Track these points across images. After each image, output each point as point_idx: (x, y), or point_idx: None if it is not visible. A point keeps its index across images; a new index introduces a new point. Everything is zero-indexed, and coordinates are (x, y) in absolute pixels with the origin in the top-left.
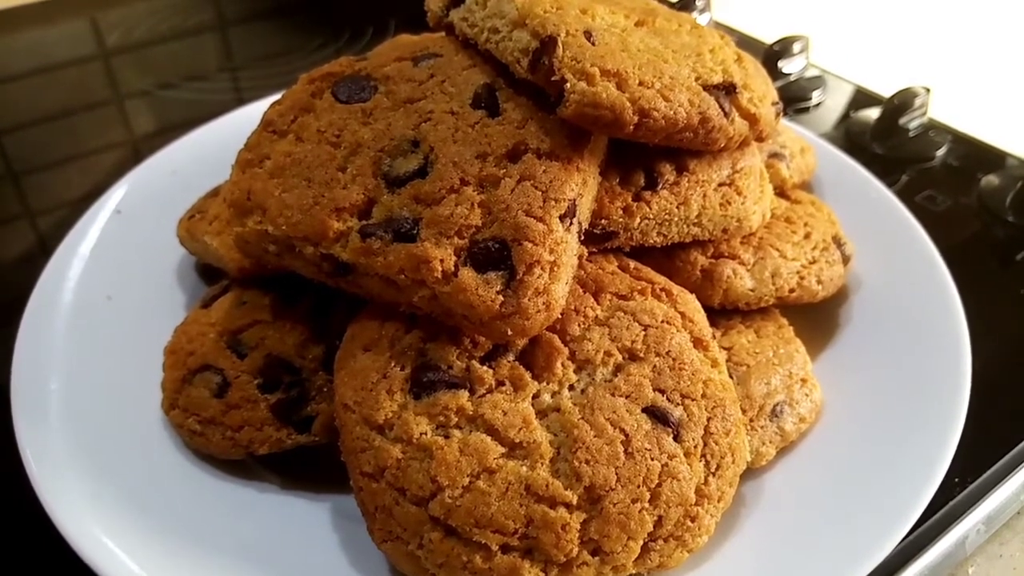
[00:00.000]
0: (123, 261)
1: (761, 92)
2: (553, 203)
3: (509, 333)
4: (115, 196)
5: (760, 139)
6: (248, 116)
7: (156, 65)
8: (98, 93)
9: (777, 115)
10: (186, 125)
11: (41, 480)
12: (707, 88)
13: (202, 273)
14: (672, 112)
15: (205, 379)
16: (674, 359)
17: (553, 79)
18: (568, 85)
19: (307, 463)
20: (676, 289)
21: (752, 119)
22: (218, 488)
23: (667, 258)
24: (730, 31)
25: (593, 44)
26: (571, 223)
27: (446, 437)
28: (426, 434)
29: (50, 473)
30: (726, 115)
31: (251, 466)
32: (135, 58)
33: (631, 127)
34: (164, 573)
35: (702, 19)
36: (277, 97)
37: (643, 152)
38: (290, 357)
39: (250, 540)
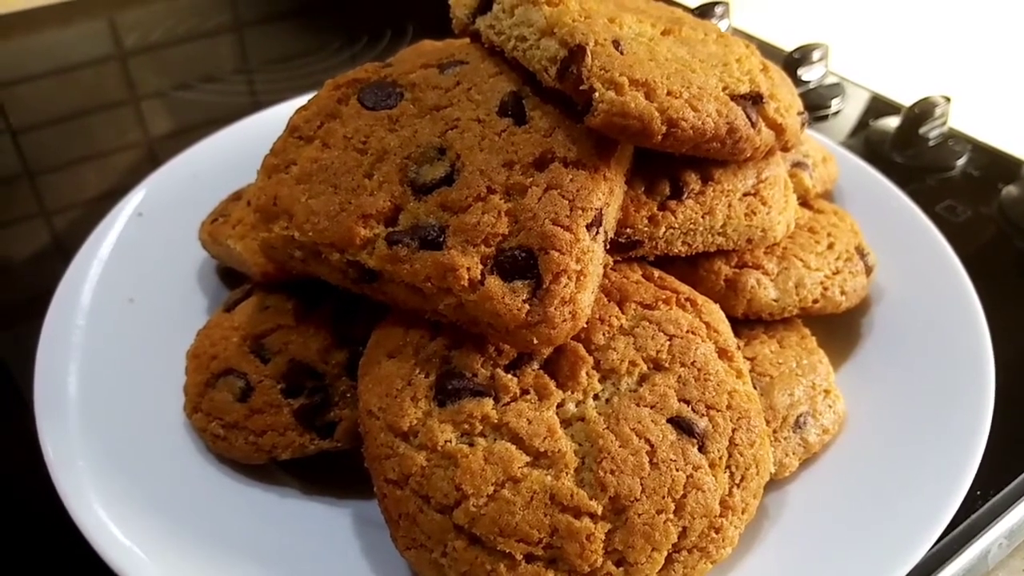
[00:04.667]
0: (145, 264)
1: (787, 102)
2: (580, 212)
3: (535, 342)
4: (136, 198)
5: (786, 149)
6: (269, 120)
7: (173, 67)
8: (115, 94)
9: (803, 125)
10: (202, 127)
11: (64, 483)
12: (734, 98)
13: (223, 277)
14: (700, 122)
15: (228, 383)
16: (699, 369)
17: (581, 88)
18: (597, 94)
19: (329, 469)
20: (701, 299)
21: (778, 129)
22: (240, 492)
23: (691, 267)
24: (749, 38)
25: (621, 53)
26: (597, 232)
27: (471, 445)
28: (451, 442)
29: (72, 476)
30: (753, 125)
31: (273, 471)
32: (152, 59)
33: (659, 137)
34: None
35: (721, 26)
36: (297, 101)
37: (668, 161)
38: (313, 362)
39: (272, 545)
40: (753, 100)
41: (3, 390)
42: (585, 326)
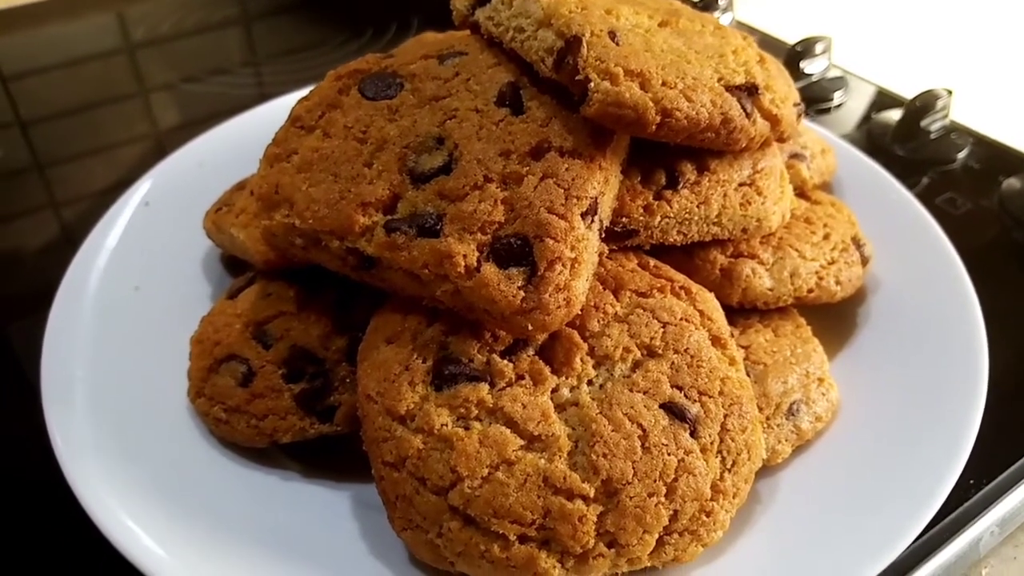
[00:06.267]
0: (151, 252)
1: (783, 93)
2: (575, 201)
3: (529, 328)
4: (143, 188)
5: (781, 140)
6: (274, 111)
7: (181, 59)
8: (123, 86)
9: (799, 116)
10: (210, 119)
11: (71, 466)
12: (729, 89)
13: (228, 265)
14: (694, 112)
15: (231, 368)
16: (692, 356)
17: (577, 78)
18: (592, 84)
19: (329, 452)
20: (695, 287)
21: (774, 120)
22: (242, 475)
23: (687, 256)
24: (752, 31)
25: (617, 44)
26: (592, 220)
27: (466, 429)
28: (447, 425)
29: (79, 459)
30: (748, 116)
31: (274, 454)
32: (160, 52)
33: (653, 127)
34: (188, 557)
35: (724, 19)
36: (302, 92)
37: (665, 151)
38: (314, 348)
39: (273, 527)
40: (748, 91)
41: (14, 379)
42: (580, 313)
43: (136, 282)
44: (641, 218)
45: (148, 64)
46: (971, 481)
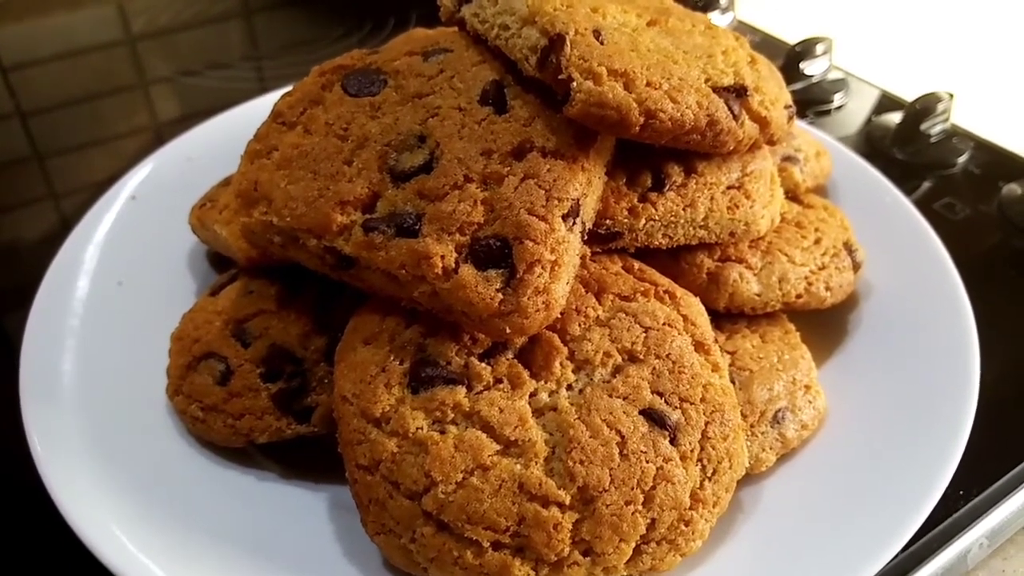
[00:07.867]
0: (136, 247)
1: (773, 95)
2: (556, 202)
3: (507, 331)
4: (130, 183)
5: (771, 143)
6: (264, 106)
7: (181, 52)
8: (123, 78)
9: (790, 119)
10: (209, 112)
11: (46, 464)
12: (717, 90)
13: (213, 261)
14: (679, 114)
15: (209, 366)
16: (674, 362)
17: (560, 77)
18: (575, 84)
19: (307, 453)
20: (680, 292)
21: (763, 122)
22: (219, 475)
23: (673, 260)
24: (754, 31)
25: (602, 43)
26: (574, 223)
27: (442, 432)
28: (422, 429)
29: (54, 454)
30: (735, 118)
31: (253, 454)
32: (160, 44)
33: (637, 128)
34: (161, 556)
35: (726, 18)
36: (291, 88)
37: (651, 153)
38: (293, 348)
39: (248, 527)
40: (737, 92)
41: (10, 369)
42: (561, 316)
43: (120, 277)
44: (625, 220)
45: (148, 56)
46: (960, 492)
